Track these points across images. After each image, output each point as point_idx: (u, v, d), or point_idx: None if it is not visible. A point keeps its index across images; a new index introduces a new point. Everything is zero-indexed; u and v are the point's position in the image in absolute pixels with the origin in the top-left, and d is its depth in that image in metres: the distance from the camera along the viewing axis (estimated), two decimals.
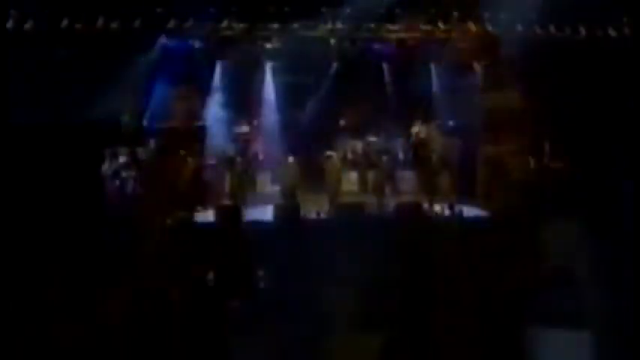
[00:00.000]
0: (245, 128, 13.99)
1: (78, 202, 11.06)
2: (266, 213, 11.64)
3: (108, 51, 12.18)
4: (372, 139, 14.25)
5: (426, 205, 12.05)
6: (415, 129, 14.08)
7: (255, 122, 14.29)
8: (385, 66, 14.23)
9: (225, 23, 11.93)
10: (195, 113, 13.30)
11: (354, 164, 14.18)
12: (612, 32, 12.26)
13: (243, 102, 14.10)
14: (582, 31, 12.26)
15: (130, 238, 9.92)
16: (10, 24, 11.41)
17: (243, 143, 13.80)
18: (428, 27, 12.19)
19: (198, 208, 12.26)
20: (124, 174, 12.67)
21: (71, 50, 11.95)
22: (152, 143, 13.11)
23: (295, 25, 11.99)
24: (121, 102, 13.31)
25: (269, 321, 6.87)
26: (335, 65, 14.04)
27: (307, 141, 13.91)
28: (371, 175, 13.29)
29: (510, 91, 13.55)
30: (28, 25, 11.47)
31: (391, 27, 12.21)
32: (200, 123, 13.37)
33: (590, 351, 5.78)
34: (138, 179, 12.43)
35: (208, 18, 11.91)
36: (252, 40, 12.66)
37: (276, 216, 11.22)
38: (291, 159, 12.78)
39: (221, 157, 13.39)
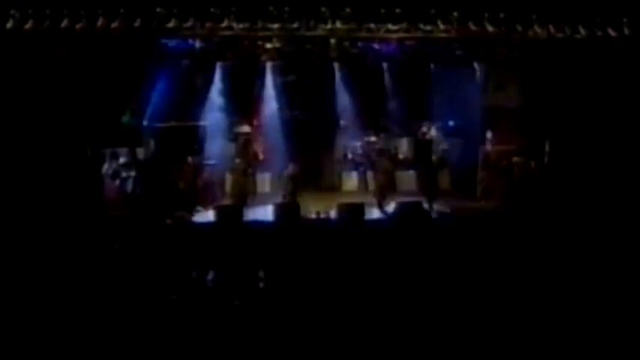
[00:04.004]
0: (245, 128, 14.00)
1: (77, 202, 11.08)
2: (266, 213, 11.67)
3: (108, 51, 12.18)
4: (372, 139, 14.26)
5: (426, 205, 12.06)
6: (415, 129, 14.08)
7: (255, 122, 14.30)
8: (385, 66, 14.22)
9: (225, 23, 11.89)
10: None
11: (354, 164, 14.21)
12: (612, 32, 12.24)
13: (243, 102, 14.10)
14: (582, 31, 12.23)
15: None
16: (10, 24, 11.39)
17: (243, 143, 13.81)
18: (428, 27, 12.14)
19: (198, 208, 12.26)
20: (124, 174, 12.70)
21: (71, 50, 11.95)
22: (152, 143, 13.12)
23: (295, 25, 11.95)
24: (121, 102, 13.34)
25: None
26: (335, 65, 14.04)
27: (307, 141, 13.92)
28: (371, 175, 13.28)
29: (510, 91, 13.57)
30: (28, 25, 11.45)
31: (391, 27, 12.16)
32: (201, 123, 13.38)
33: None
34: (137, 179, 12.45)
35: (208, 18, 11.88)
36: (252, 40, 12.62)
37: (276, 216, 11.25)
38: (291, 165, 12.76)
39: (221, 157, 13.41)
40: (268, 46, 12.88)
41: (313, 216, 11.60)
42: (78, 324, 6.94)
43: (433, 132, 14.33)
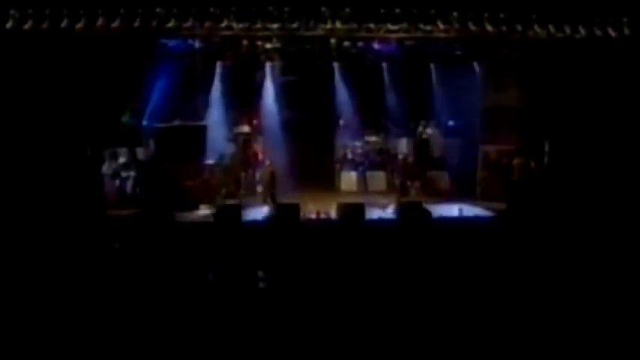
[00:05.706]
0: (245, 128, 14.00)
1: (77, 202, 11.08)
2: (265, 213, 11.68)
3: (108, 51, 12.18)
4: (372, 139, 14.25)
5: (425, 205, 12.04)
6: (415, 129, 14.08)
7: (255, 122, 14.31)
8: (385, 66, 14.22)
9: (224, 23, 11.89)
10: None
11: (353, 164, 14.22)
12: (612, 32, 12.24)
13: (243, 102, 14.11)
14: (582, 31, 12.23)
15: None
16: (10, 24, 11.39)
17: (243, 143, 13.82)
18: (428, 27, 12.13)
19: (198, 207, 12.26)
20: (123, 174, 12.70)
21: (71, 50, 11.95)
22: (152, 143, 13.13)
23: (295, 25, 11.95)
24: (121, 102, 13.34)
25: None
26: (335, 65, 14.04)
27: (307, 141, 13.93)
28: (370, 175, 13.29)
29: (510, 91, 13.57)
30: (27, 25, 11.45)
31: (391, 27, 12.16)
32: (200, 123, 13.38)
33: None
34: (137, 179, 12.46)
35: (208, 18, 11.88)
36: (252, 40, 12.63)
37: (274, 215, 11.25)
38: (268, 162, 12.89)
39: (221, 156, 13.42)
40: (268, 46, 12.89)
41: (313, 216, 11.59)
42: (78, 324, 6.94)
43: (430, 131, 14.34)
